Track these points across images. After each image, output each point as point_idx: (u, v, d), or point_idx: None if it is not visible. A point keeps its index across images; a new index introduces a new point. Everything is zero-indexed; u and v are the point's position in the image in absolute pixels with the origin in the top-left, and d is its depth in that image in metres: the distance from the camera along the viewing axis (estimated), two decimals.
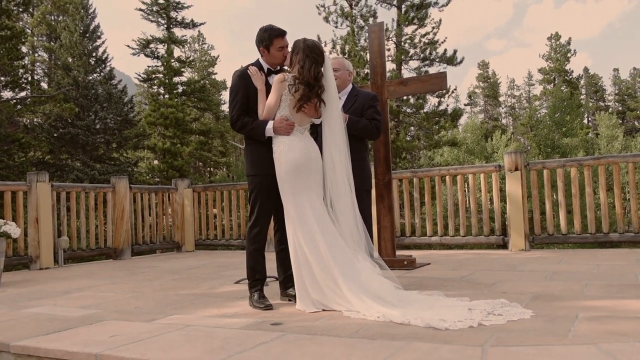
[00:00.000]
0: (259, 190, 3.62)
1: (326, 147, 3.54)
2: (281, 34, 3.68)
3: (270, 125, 3.50)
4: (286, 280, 3.75)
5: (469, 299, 3.28)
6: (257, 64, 3.75)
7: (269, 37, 3.67)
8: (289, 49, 3.65)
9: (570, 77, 48.23)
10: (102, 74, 26.02)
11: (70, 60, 24.72)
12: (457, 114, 25.14)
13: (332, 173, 3.50)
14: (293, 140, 3.46)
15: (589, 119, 51.85)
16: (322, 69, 3.48)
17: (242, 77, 3.67)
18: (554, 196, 11.34)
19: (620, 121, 50.23)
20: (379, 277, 3.30)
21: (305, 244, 3.31)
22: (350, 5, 24.84)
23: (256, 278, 3.61)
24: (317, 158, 3.50)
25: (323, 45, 24.04)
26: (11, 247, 6.79)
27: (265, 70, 3.72)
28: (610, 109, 52.59)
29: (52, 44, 28.15)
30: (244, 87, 3.65)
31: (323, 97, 3.50)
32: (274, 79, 3.54)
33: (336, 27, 24.84)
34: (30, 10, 25.44)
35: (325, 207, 3.45)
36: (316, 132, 3.70)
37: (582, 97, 50.13)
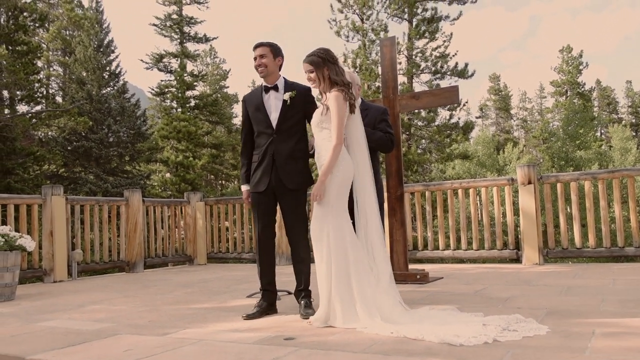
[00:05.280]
0: (253, 209, 3.83)
1: (353, 155, 3.40)
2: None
3: (245, 187, 3.87)
4: (298, 294, 3.76)
5: (483, 314, 3.25)
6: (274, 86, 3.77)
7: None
8: (263, 60, 3.65)
9: (582, 89, 47.96)
10: (115, 87, 26.29)
11: (84, 74, 25.04)
12: (468, 127, 25.13)
13: (361, 184, 3.41)
14: (347, 158, 3.35)
15: (602, 131, 51.45)
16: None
17: (243, 101, 3.95)
18: (568, 209, 11.22)
19: (634, 133, 49.80)
20: (394, 307, 3.24)
21: (337, 266, 3.23)
22: (362, 20, 25.00)
23: (260, 288, 3.85)
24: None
25: None
26: (26, 260, 6.84)
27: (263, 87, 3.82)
28: (624, 122, 52.15)
29: (67, 58, 28.57)
30: (244, 111, 3.89)
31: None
32: (332, 100, 3.29)
33: (347, 41, 25.04)
34: (46, 25, 25.85)
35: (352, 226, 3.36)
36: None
37: (594, 109, 49.78)
